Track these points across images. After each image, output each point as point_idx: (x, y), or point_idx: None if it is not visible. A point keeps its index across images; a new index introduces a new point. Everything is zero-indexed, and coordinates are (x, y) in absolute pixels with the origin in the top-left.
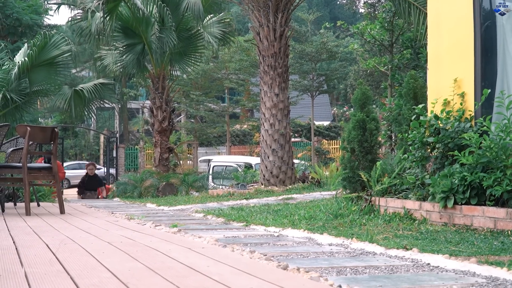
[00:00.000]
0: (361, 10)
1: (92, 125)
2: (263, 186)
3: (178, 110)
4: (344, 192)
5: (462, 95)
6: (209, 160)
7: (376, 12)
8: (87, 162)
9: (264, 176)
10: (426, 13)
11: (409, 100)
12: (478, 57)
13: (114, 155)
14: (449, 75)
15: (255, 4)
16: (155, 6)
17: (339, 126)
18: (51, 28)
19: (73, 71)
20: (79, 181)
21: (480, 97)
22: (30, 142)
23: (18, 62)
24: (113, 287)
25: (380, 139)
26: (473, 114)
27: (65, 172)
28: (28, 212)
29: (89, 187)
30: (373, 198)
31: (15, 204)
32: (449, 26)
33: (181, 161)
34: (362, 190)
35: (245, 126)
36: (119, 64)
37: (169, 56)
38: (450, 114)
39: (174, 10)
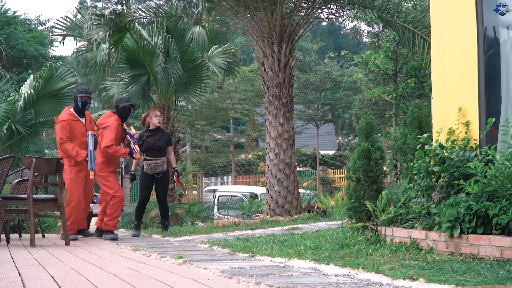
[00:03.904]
0: (365, 40)
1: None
2: (268, 216)
3: (183, 140)
4: (350, 222)
5: (467, 124)
6: (214, 190)
7: (380, 42)
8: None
9: (269, 206)
10: (430, 42)
11: (414, 129)
12: (482, 85)
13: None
14: (453, 104)
15: (259, 35)
16: (160, 37)
17: (344, 155)
18: (56, 59)
19: None
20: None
21: (484, 126)
22: (36, 174)
23: (24, 94)
24: None
25: (385, 168)
26: (478, 143)
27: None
28: (33, 244)
29: (151, 147)
30: (379, 227)
31: (20, 236)
32: (453, 55)
33: (186, 192)
34: (368, 220)
35: (250, 155)
36: (124, 95)
37: (174, 86)
38: (455, 143)
39: (179, 41)
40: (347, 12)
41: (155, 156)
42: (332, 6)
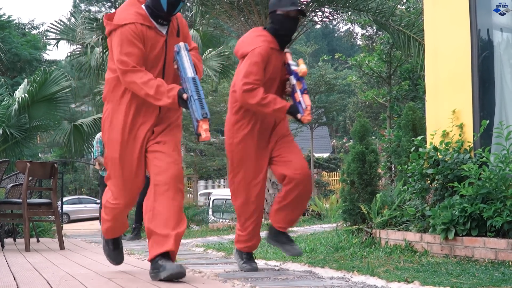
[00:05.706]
0: (359, 42)
1: (92, 159)
2: (263, 219)
3: None
4: (344, 225)
5: (461, 126)
6: (209, 194)
7: (374, 44)
8: None
9: (264, 209)
10: (425, 45)
11: (408, 131)
12: (476, 88)
13: None
14: (447, 107)
15: None
16: None
17: (338, 158)
18: (50, 63)
19: (73, 105)
20: (79, 215)
21: (478, 128)
22: (30, 178)
23: (18, 98)
24: None
25: (379, 171)
26: (472, 145)
27: None
28: (27, 248)
29: None
30: (373, 230)
31: (14, 240)
32: (446, 57)
33: None
34: (362, 223)
35: None
36: None
37: None
38: (449, 145)
39: None
40: (341, 15)
41: None
42: (326, 9)
